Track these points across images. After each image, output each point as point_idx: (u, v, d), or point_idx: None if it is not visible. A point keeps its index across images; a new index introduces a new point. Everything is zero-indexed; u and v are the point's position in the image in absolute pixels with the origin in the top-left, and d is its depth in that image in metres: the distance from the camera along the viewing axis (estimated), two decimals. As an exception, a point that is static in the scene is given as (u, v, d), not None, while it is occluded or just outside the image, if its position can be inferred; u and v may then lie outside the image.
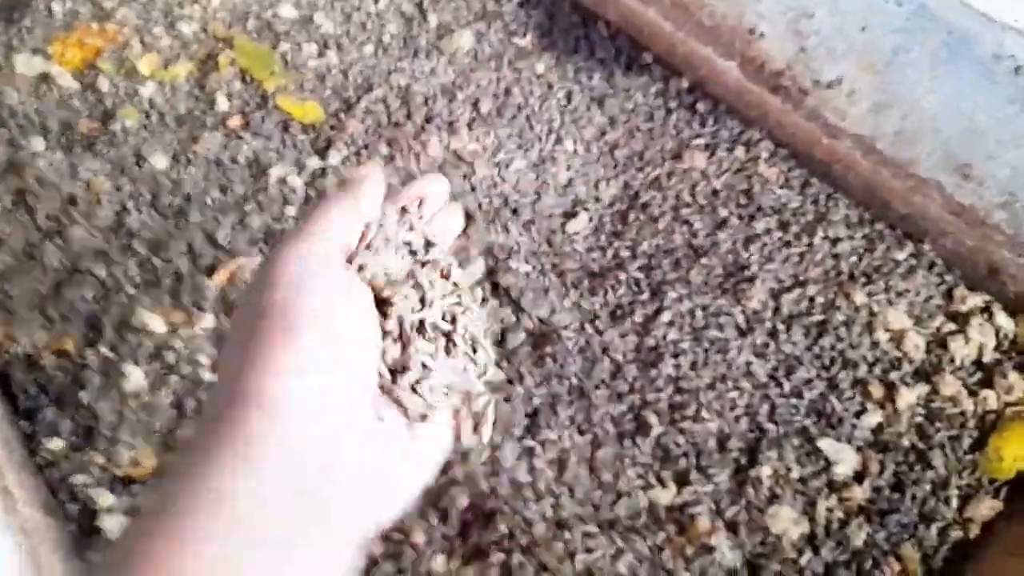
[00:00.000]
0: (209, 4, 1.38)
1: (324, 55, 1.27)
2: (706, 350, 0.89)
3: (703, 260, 0.97)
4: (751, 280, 0.93)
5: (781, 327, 0.90)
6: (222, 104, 1.21)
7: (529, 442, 0.81)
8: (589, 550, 0.74)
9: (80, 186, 1.13)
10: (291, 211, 1.09)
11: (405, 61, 1.25)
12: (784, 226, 0.99)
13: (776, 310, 0.91)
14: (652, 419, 0.83)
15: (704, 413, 0.83)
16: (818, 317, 0.91)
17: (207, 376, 0.95)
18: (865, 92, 0.92)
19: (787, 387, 0.86)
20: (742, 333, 0.90)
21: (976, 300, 0.91)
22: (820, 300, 0.92)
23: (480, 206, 1.05)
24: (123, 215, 1.09)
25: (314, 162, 1.14)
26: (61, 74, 1.29)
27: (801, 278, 0.94)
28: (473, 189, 1.07)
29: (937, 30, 0.82)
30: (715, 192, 1.03)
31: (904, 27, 0.84)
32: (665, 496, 0.79)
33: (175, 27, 1.34)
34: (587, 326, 0.91)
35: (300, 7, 1.35)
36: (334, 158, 1.14)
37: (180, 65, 1.29)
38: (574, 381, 0.86)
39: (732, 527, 0.77)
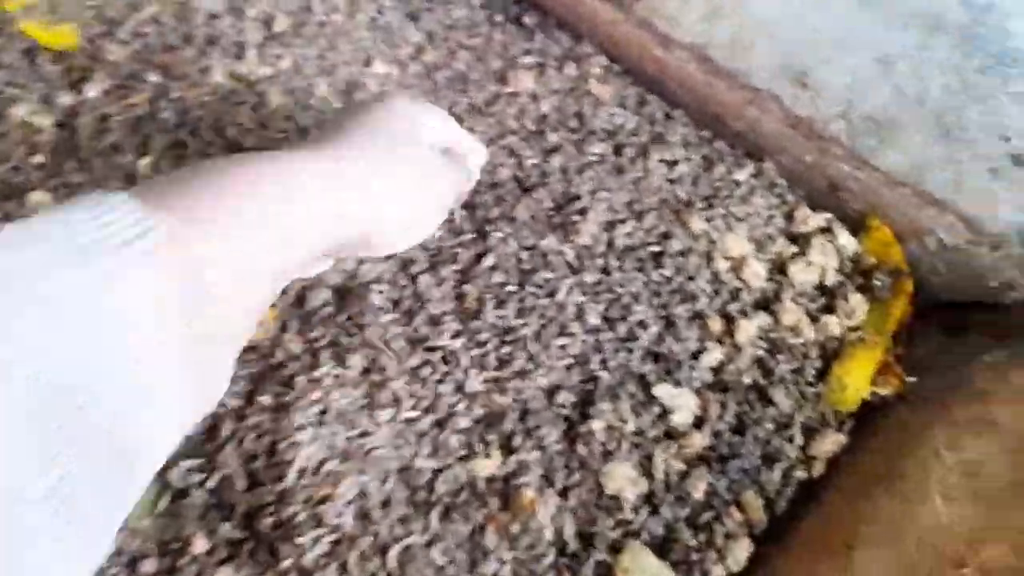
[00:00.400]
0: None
1: (81, -34, 1.04)
2: (534, 294, 0.78)
3: (532, 194, 0.85)
4: (582, 213, 0.83)
5: (615, 263, 0.80)
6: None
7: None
8: (398, 538, 0.63)
9: None
10: (38, 159, 0.89)
11: (181, -28, 1.04)
12: (618, 150, 0.89)
13: (609, 244, 0.82)
14: (474, 377, 0.72)
15: (530, 365, 0.73)
16: (654, 249, 0.82)
17: None
18: (696, -6, 0.82)
19: (622, 330, 0.78)
20: (573, 271, 0.80)
21: (818, 220, 0.85)
22: (656, 230, 0.83)
23: (271, 137, 0.89)
24: None
25: (66, 98, 0.93)
26: None
27: (636, 207, 0.85)
28: (264, 126, 0.90)
29: (766, -83, 0.72)
30: (544, 116, 0.92)
31: (732, -85, 0.74)
32: (488, 467, 0.68)
33: None
34: (400, 277, 0.78)
35: (49, -92, 1.10)
36: (92, 91, 0.93)
37: None
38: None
39: (563, 494, 0.68)
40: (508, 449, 0.70)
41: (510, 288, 0.78)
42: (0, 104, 0.92)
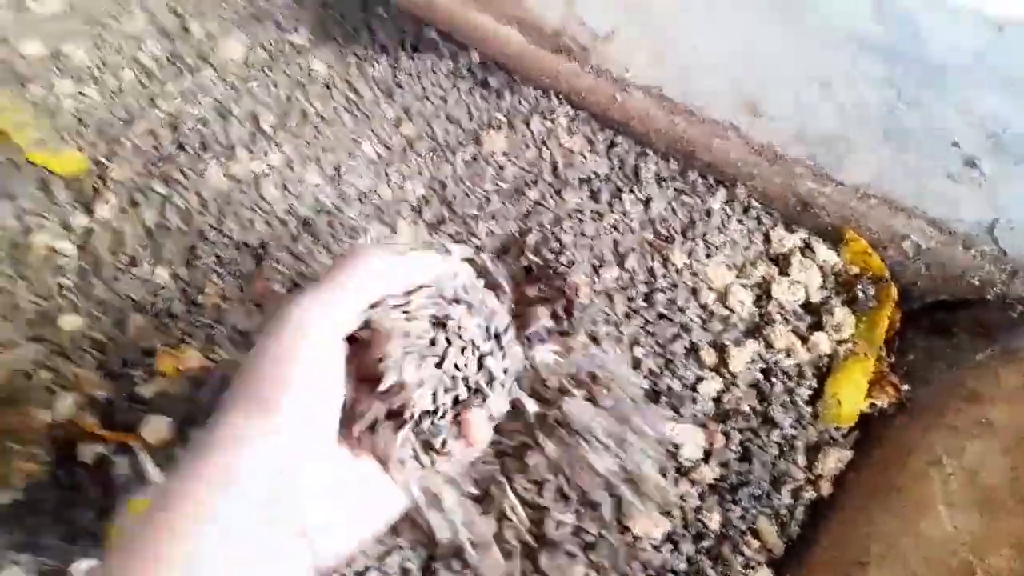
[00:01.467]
0: (-57, 52, 1.20)
1: (81, 92, 1.12)
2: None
3: (516, 250, 0.89)
4: (570, 264, 0.86)
5: (606, 309, 0.84)
6: (-31, 171, 1.06)
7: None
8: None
9: None
10: (65, 281, 0.96)
11: (171, 83, 1.11)
12: (595, 195, 0.93)
13: (598, 290, 0.85)
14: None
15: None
16: (642, 289, 0.85)
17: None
18: (640, 40, 0.85)
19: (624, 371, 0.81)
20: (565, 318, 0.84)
21: (794, 238, 0.87)
22: (641, 270, 0.86)
23: (273, 231, 0.94)
24: None
25: (82, 220, 1.00)
26: None
27: (619, 250, 0.88)
28: (268, 224, 0.96)
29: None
30: (522, 171, 0.96)
31: (664, -34, 0.77)
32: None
33: (-95, 87, 1.16)
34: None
35: (47, 40, 1.19)
36: (103, 211, 1.00)
37: (-85, 133, 1.11)
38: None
39: (589, 547, 0.71)
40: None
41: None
42: (24, 234, 1.00)
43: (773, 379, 0.80)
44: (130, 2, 1.21)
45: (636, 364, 0.81)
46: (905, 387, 0.78)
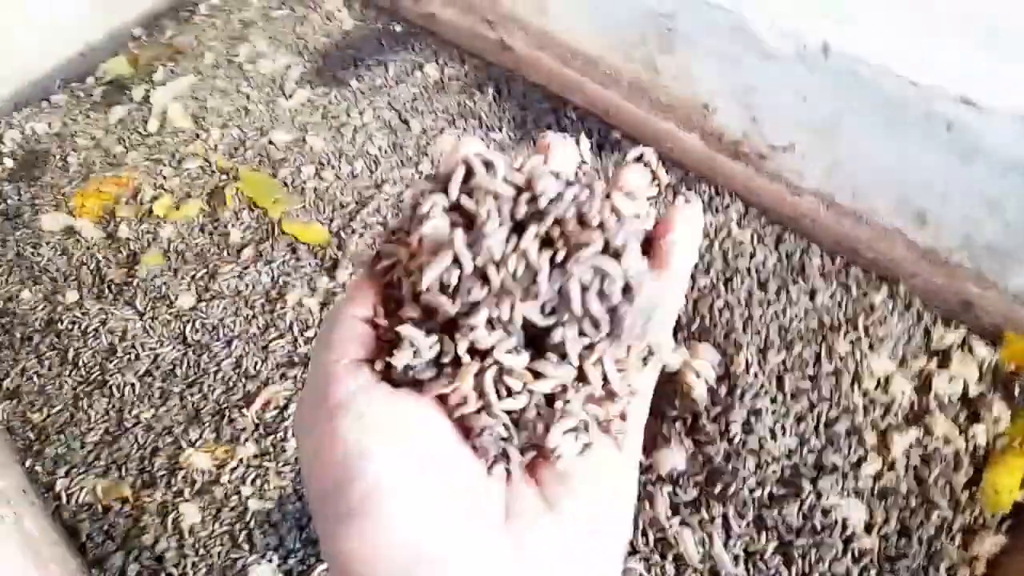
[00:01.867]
0: (209, 137, 1.49)
1: (320, 175, 1.37)
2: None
3: (691, 330, 1.02)
4: (737, 347, 0.99)
5: (773, 387, 0.95)
6: (235, 236, 1.31)
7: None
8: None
9: (116, 335, 1.23)
10: (310, 333, 1.18)
11: (395, 170, 1.34)
12: (763, 285, 1.05)
13: (766, 371, 0.96)
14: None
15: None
16: (808, 372, 0.96)
17: (253, 505, 1.03)
18: (817, 154, 0.98)
19: (790, 443, 0.92)
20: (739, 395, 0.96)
21: (954, 335, 0.96)
22: (807, 355, 0.97)
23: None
24: (158, 358, 1.19)
25: (324, 282, 1.23)
26: (85, 226, 1.41)
27: (786, 336, 1.00)
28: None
29: (871, 96, 0.88)
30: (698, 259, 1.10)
31: (841, 95, 0.90)
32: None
33: (182, 165, 1.45)
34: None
35: (292, 131, 1.45)
36: (342, 276, 1.22)
37: (191, 203, 1.39)
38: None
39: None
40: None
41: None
42: (278, 290, 1.24)
43: (932, 464, 0.89)
44: (360, 100, 1.47)
45: (802, 440, 0.92)
46: (1063, 481, 0.84)
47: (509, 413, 0.33)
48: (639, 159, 0.40)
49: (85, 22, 1.75)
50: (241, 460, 1.07)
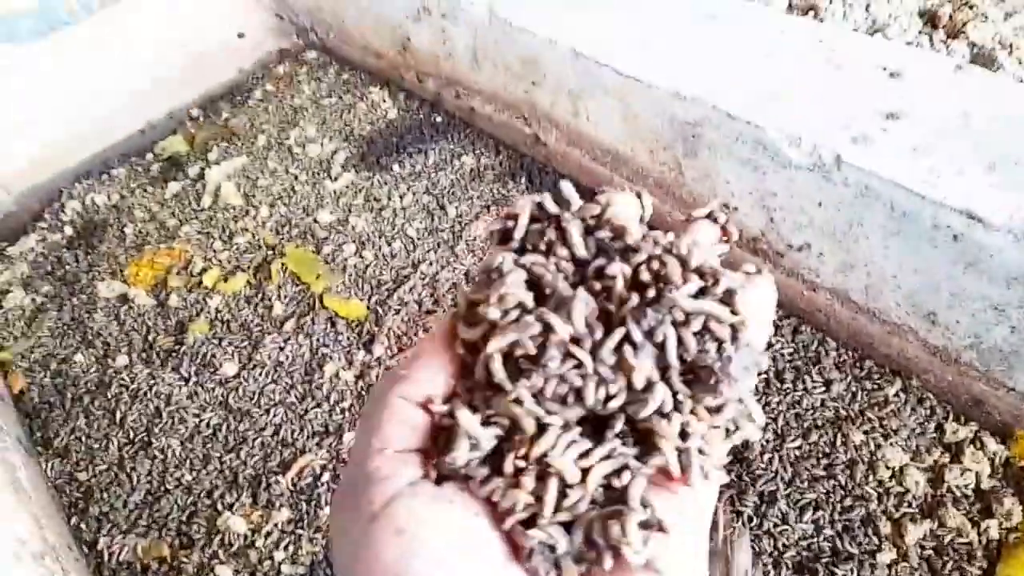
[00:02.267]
0: (258, 214, 1.59)
1: (360, 254, 1.45)
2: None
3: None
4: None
5: (788, 475, 0.99)
6: (278, 309, 1.39)
7: None
8: None
9: (162, 399, 1.30)
10: (346, 404, 1.24)
11: (431, 252, 1.42)
12: (779, 374, 1.10)
13: (781, 458, 1.01)
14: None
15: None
16: (823, 461, 1.01)
17: (286, 570, 1.07)
18: (831, 255, 1.04)
19: (807, 529, 0.95)
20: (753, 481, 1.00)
21: (966, 431, 1.00)
22: (823, 443, 1.02)
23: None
24: (200, 422, 1.25)
25: (361, 356, 1.29)
26: (138, 294, 1.49)
27: (803, 423, 1.04)
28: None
29: (882, 206, 0.95)
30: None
31: (853, 203, 0.97)
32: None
33: (232, 240, 1.55)
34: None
35: (336, 211, 1.55)
36: (378, 350, 1.29)
37: (239, 276, 1.48)
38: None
39: None
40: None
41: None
42: (317, 362, 1.30)
43: (945, 557, 0.92)
44: (400, 185, 1.57)
45: (817, 527, 0.95)
46: (1075, 579, 0.86)
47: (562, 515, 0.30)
48: (709, 216, 0.37)
49: (147, 100, 1.90)
50: (276, 525, 1.11)
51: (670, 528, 0.29)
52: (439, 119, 1.68)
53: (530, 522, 0.29)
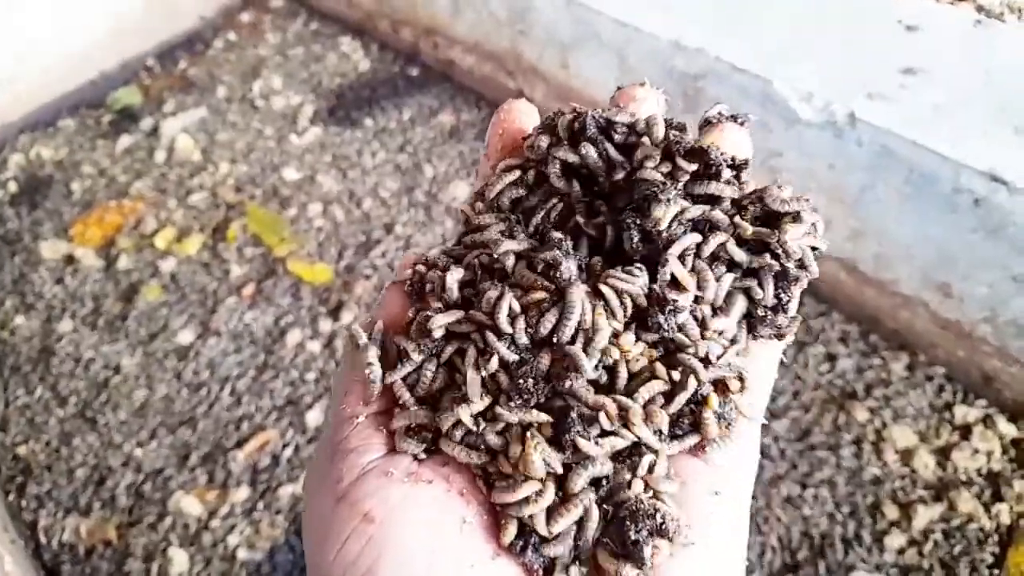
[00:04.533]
0: (217, 171, 1.47)
1: (328, 215, 1.35)
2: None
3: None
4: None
5: (792, 453, 0.93)
6: (235, 272, 1.29)
7: None
8: None
9: (110, 368, 1.19)
10: (311, 376, 1.15)
11: (405, 214, 1.32)
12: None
13: (786, 438, 0.94)
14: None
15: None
16: (825, 440, 0.94)
17: (243, 554, 0.98)
18: (840, 222, 0.97)
19: (813, 512, 0.89)
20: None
21: (976, 411, 0.94)
22: (825, 422, 0.95)
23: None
24: (151, 394, 1.15)
25: (328, 324, 1.20)
26: (85, 254, 1.37)
27: (803, 399, 0.98)
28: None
29: (899, 168, 0.87)
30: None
31: (869, 166, 0.90)
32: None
33: (188, 198, 1.43)
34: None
35: (302, 169, 1.44)
36: (346, 318, 1.20)
37: (194, 237, 1.36)
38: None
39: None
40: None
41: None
42: (279, 331, 1.20)
43: (955, 541, 0.86)
44: (371, 141, 1.46)
45: (823, 510, 0.89)
46: (1091, 567, 0.82)
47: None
48: (733, 119, 0.38)
49: (100, 49, 1.75)
50: (232, 506, 1.02)
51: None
52: (415, 72, 1.57)
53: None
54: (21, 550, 1.02)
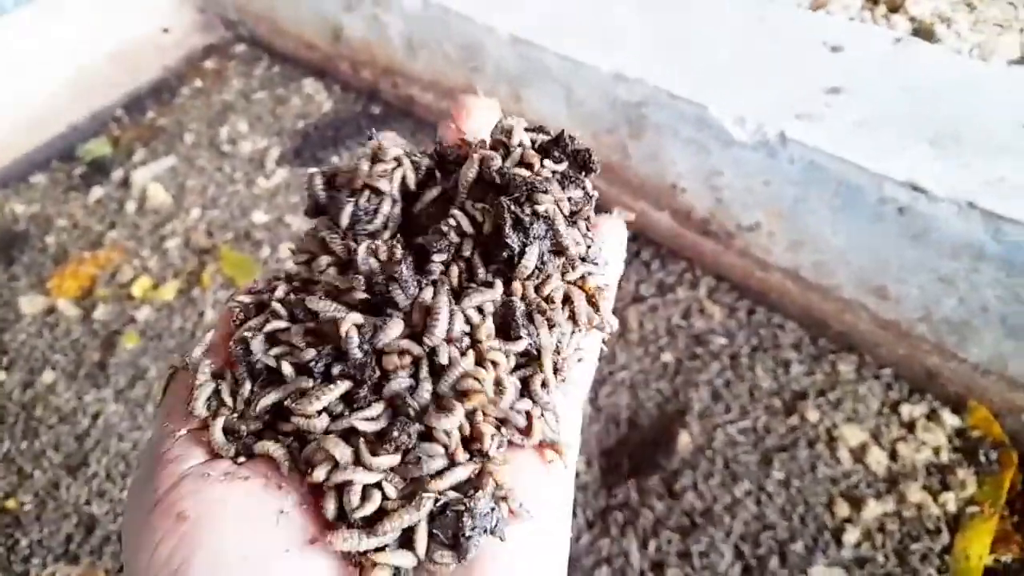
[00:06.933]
0: (188, 216, 1.51)
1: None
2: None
3: (667, 400, 1.05)
4: (711, 415, 1.01)
5: (746, 457, 0.97)
6: (210, 315, 1.32)
7: None
8: None
9: (91, 419, 1.22)
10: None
11: (373, 248, 1.36)
12: (735, 358, 1.08)
13: (729, 442, 0.99)
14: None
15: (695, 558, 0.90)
16: (779, 442, 0.99)
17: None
18: (781, 233, 1.03)
19: (771, 512, 0.93)
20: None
21: (921, 405, 0.99)
22: (778, 423, 1.00)
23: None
24: (135, 441, 1.18)
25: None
26: (64, 306, 1.40)
27: (758, 403, 1.03)
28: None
29: (828, 181, 0.93)
30: (667, 331, 1.13)
31: (800, 180, 0.96)
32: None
33: (161, 245, 1.47)
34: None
35: (271, 210, 1.48)
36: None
37: (169, 283, 1.40)
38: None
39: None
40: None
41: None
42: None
43: (906, 532, 0.91)
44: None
45: (782, 510, 0.94)
46: (1031, 546, 0.87)
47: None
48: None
49: (68, 102, 1.79)
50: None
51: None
52: (377, 110, 1.62)
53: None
54: (13, 602, 1.05)
